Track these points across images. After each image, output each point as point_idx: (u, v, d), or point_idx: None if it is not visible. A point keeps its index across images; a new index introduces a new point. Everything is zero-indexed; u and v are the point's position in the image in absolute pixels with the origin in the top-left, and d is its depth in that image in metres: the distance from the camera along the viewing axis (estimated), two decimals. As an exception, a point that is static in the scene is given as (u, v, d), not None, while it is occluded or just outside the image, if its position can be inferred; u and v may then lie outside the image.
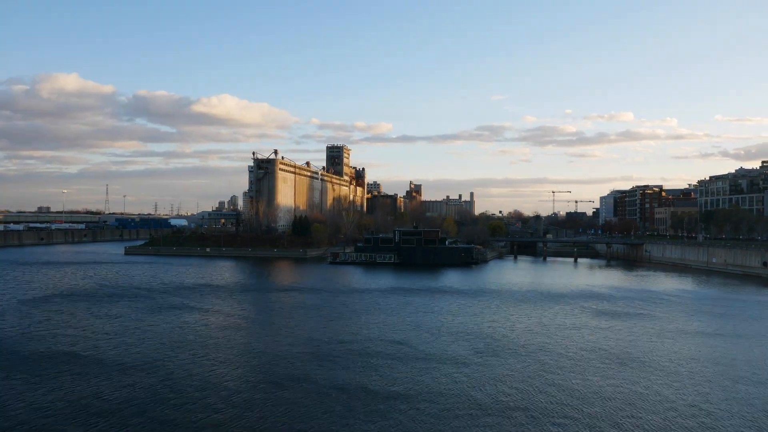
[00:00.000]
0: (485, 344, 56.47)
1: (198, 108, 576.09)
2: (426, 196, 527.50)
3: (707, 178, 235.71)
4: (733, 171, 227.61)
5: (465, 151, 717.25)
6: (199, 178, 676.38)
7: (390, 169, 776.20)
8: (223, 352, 52.34)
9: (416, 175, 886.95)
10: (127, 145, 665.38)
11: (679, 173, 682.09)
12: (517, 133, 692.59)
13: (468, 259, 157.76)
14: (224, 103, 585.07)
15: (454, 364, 48.57)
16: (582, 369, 47.65)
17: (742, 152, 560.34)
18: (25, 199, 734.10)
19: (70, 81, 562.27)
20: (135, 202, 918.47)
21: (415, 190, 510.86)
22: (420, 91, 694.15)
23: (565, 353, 53.03)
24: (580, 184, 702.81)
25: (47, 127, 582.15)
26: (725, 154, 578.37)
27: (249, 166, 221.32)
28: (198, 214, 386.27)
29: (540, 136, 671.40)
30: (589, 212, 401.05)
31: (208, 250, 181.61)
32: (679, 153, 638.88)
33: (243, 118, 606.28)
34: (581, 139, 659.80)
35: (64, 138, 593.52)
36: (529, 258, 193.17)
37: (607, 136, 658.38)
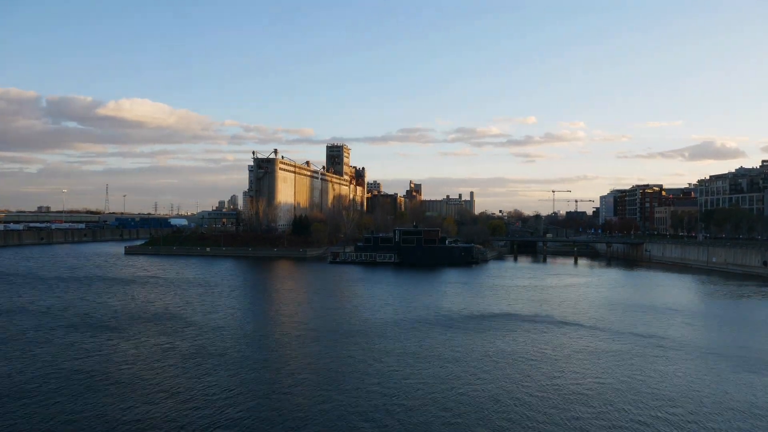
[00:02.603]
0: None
1: (106, 111, 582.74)
2: (426, 195, 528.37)
3: (707, 178, 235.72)
4: (733, 170, 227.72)
5: (411, 153, 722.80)
6: (166, 178, 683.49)
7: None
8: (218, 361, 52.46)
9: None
10: (80, 147, 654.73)
11: (631, 173, 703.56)
12: (443, 134, 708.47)
13: (468, 259, 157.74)
14: (139, 107, 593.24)
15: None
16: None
17: (677, 154, 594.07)
18: (25, 199, 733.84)
19: None
20: (135, 202, 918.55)
21: (415, 189, 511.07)
22: (319, 95, 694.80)
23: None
24: (536, 183, 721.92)
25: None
26: (664, 155, 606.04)
27: (249, 166, 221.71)
28: (198, 213, 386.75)
29: (469, 138, 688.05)
30: (590, 212, 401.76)
31: (208, 249, 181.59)
32: (616, 153, 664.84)
33: (159, 122, 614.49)
34: (511, 141, 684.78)
35: (10, 140, 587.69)
36: (529, 258, 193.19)
37: (532, 138, 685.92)
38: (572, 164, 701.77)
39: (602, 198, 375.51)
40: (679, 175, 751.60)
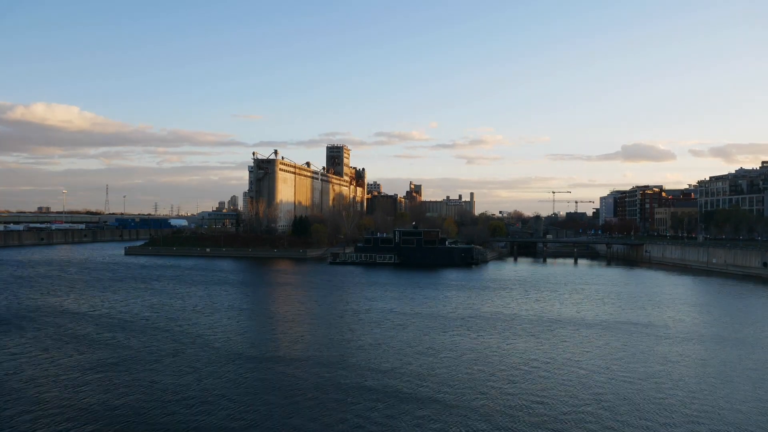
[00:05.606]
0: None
1: (15, 116, 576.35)
2: (426, 196, 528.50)
3: (707, 179, 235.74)
4: (733, 171, 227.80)
5: (354, 155, 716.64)
6: (126, 179, 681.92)
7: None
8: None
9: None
10: (27, 149, 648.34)
11: (578, 174, 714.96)
12: (367, 137, 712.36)
13: (468, 260, 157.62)
14: (52, 111, 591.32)
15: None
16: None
17: (613, 157, 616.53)
18: (25, 200, 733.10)
19: None
20: (135, 202, 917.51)
21: (415, 190, 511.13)
22: (229, 100, 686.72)
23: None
24: (494, 184, 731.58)
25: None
26: (602, 157, 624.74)
27: (249, 167, 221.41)
28: (198, 214, 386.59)
29: (398, 141, 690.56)
30: (590, 212, 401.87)
31: (207, 250, 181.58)
32: (549, 155, 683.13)
33: (77, 126, 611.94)
34: (440, 145, 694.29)
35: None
36: (529, 258, 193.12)
37: (458, 142, 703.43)
38: (512, 165, 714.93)
39: (602, 199, 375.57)
40: (625, 176, 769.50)
